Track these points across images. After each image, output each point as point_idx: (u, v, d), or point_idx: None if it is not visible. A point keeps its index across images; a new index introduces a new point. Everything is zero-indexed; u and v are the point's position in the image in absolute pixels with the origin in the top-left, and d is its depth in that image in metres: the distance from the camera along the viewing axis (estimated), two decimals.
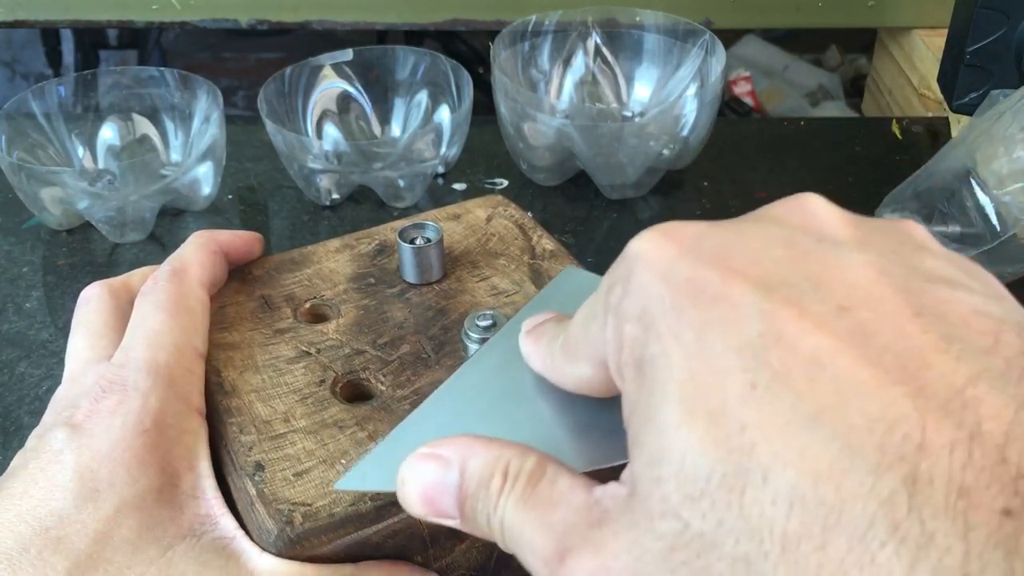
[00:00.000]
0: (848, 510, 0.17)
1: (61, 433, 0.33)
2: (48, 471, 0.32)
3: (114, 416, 0.33)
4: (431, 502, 0.26)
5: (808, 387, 0.18)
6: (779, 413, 0.18)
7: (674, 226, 0.23)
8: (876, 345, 0.19)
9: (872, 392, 0.18)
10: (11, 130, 0.60)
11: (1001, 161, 0.52)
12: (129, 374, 0.35)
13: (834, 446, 0.18)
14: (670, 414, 0.20)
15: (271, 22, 0.78)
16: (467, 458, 0.25)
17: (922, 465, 0.17)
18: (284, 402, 0.36)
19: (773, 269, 0.21)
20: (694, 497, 0.19)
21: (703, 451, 0.19)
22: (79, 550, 0.31)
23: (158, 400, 0.34)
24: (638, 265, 0.22)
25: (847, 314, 0.19)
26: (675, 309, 0.21)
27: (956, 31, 0.63)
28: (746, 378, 0.19)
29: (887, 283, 0.20)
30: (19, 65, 1.41)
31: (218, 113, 0.60)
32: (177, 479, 0.33)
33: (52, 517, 0.31)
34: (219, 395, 0.36)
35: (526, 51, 0.67)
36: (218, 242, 0.41)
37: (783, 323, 0.19)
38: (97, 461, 0.32)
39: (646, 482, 0.20)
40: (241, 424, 0.35)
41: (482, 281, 0.42)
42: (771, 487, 0.18)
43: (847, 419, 0.18)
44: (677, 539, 0.19)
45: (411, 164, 0.61)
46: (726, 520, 0.18)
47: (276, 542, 0.32)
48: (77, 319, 0.39)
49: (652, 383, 0.21)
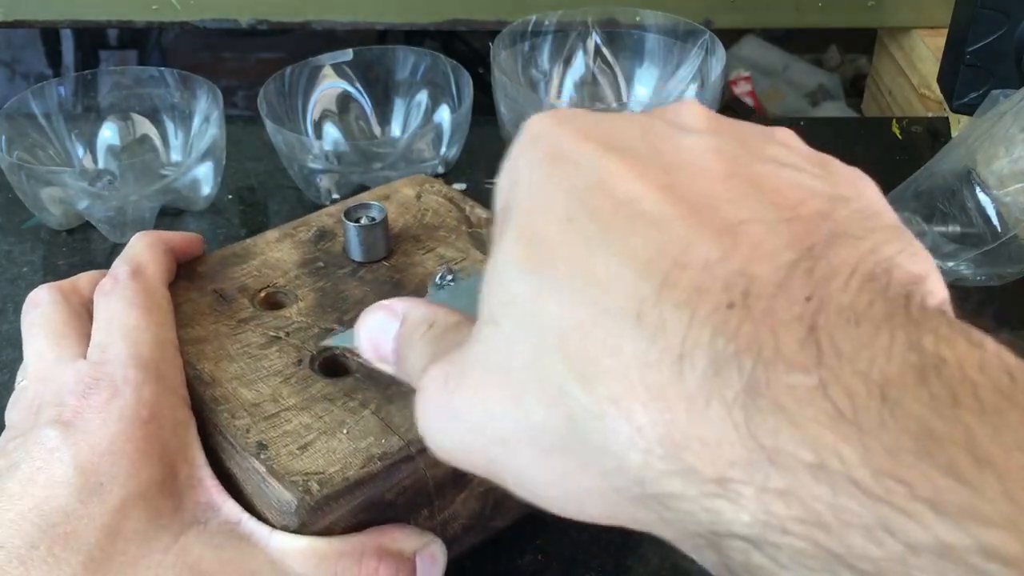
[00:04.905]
0: (611, 306, 0.21)
1: (53, 431, 0.33)
2: (47, 470, 0.32)
3: (109, 411, 0.33)
4: (376, 346, 0.30)
5: (610, 219, 0.22)
6: (581, 239, 0.22)
7: (560, 109, 0.27)
8: (680, 194, 0.22)
9: (659, 223, 0.21)
10: (11, 130, 0.60)
11: (1002, 161, 0.52)
12: (115, 369, 0.35)
13: (615, 261, 0.21)
14: (506, 243, 0.24)
15: (271, 22, 0.78)
16: (410, 310, 0.29)
17: (677, 274, 0.20)
18: (268, 384, 0.37)
19: (621, 138, 0.24)
20: (507, 303, 0.23)
21: (519, 268, 0.23)
22: (91, 544, 0.31)
23: (151, 393, 0.34)
24: (521, 136, 0.26)
25: (668, 173, 0.23)
26: (533, 164, 0.25)
27: (956, 31, 0.63)
28: (565, 214, 0.23)
29: (716, 157, 0.23)
30: (19, 65, 1.41)
31: (218, 113, 0.59)
32: (175, 469, 0.34)
33: (57, 514, 0.31)
34: (200, 387, 0.37)
35: (526, 51, 0.67)
36: (164, 241, 0.41)
37: (611, 174, 0.23)
38: (97, 455, 0.32)
39: (483, 299, 0.25)
40: (231, 410, 0.36)
41: (429, 252, 0.44)
42: (560, 295, 0.22)
43: (632, 241, 0.21)
44: (492, 341, 0.24)
45: (411, 164, 0.61)
46: (525, 322, 0.22)
47: (298, 511, 0.32)
48: (31, 321, 0.38)
49: (504, 223, 0.25)
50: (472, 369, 0.25)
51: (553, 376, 0.22)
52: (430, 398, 0.26)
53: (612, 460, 0.21)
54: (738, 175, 0.23)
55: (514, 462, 0.24)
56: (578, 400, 0.21)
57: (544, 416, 0.22)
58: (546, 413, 0.22)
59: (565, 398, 0.21)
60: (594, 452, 0.21)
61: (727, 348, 0.19)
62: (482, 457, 0.25)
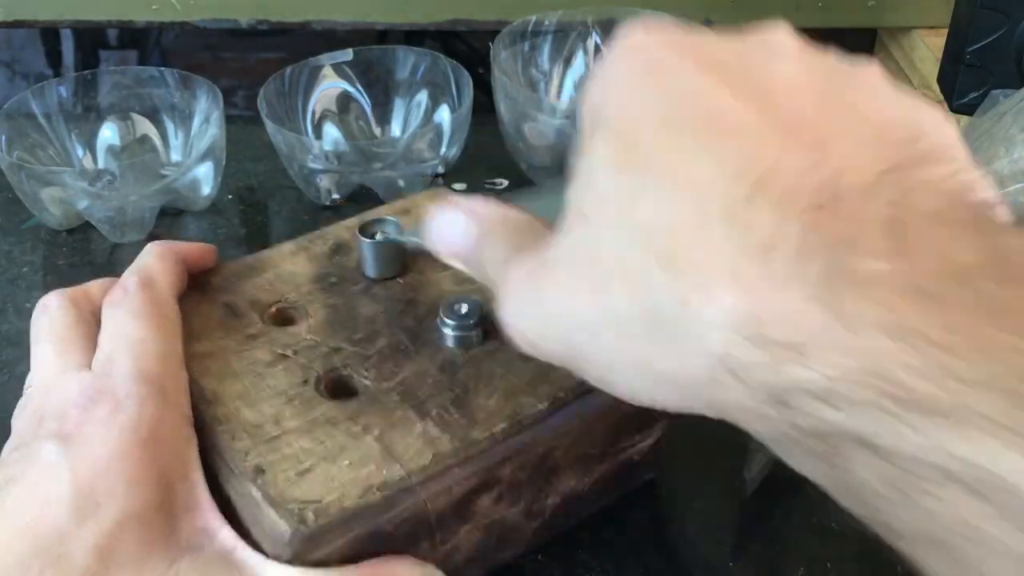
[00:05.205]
0: (703, 206, 0.22)
1: (52, 445, 0.32)
2: (43, 485, 0.32)
3: (109, 426, 0.32)
4: (448, 242, 0.31)
5: (705, 127, 0.23)
6: (675, 143, 0.23)
7: (656, 23, 0.27)
8: (773, 111, 0.23)
9: (752, 134, 0.22)
10: (11, 130, 0.60)
11: (1002, 162, 0.52)
12: (119, 383, 0.34)
13: (708, 165, 0.22)
14: (597, 145, 0.25)
15: (271, 22, 0.78)
16: (484, 208, 0.30)
17: (769, 179, 0.22)
18: (271, 405, 0.36)
19: (717, 57, 0.25)
20: (597, 201, 0.24)
21: (611, 168, 0.24)
22: (82, 567, 0.30)
23: (154, 409, 0.33)
24: (617, 46, 0.27)
25: (761, 91, 0.24)
26: (628, 72, 0.25)
27: (956, 31, 0.63)
28: (660, 120, 0.24)
29: (808, 80, 0.24)
30: (19, 65, 1.40)
31: (218, 113, 0.59)
32: (172, 490, 0.33)
33: (52, 534, 0.31)
34: (202, 405, 0.36)
35: (526, 51, 0.67)
36: (177, 252, 0.41)
37: (706, 88, 0.24)
38: (96, 474, 0.31)
39: (571, 197, 0.26)
40: (232, 431, 0.35)
41: (445, 271, 0.42)
42: (652, 193, 0.23)
43: (725, 148, 0.22)
44: (581, 236, 0.25)
45: (411, 164, 0.61)
46: (615, 218, 0.24)
47: (292, 542, 0.31)
48: (40, 327, 0.38)
49: (593, 127, 0.26)
50: (558, 262, 0.26)
51: (641, 268, 0.23)
52: (514, 290, 0.28)
53: (693, 342, 0.22)
54: (828, 97, 0.24)
55: (594, 350, 0.25)
56: (664, 288, 0.22)
57: (628, 305, 0.23)
58: (630, 302, 0.23)
59: (651, 288, 0.23)
60: (675, 336, 0.22)
61: (814, 239, 0.21)
62: (562, 345, 0.26)
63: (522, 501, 0.37)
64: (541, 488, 0.38)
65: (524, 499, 0.37)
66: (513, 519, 0.37)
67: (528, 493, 0.37)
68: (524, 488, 0.37)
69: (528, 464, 0.36)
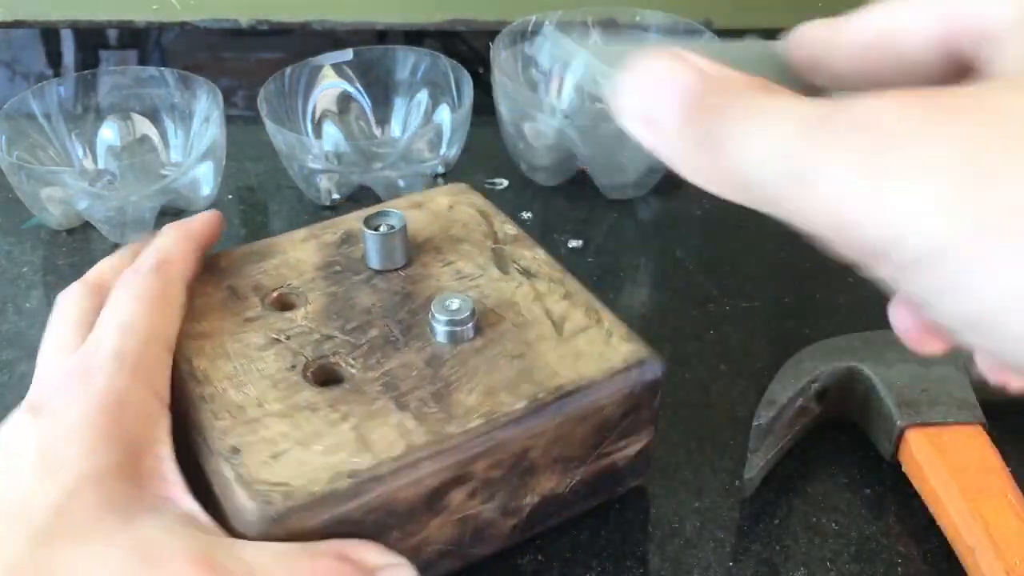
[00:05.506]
0: None
1: (24, 417, 0.34)
2: (11, 451, 0.33)
3: (77, 396, 0.34)
4: (645, 95, 0.24)
5: None
6: None
7: None
8: None
9: None
10: (11, 130, 0.60)
11: None
12: (95, 359, 0.35)
13: None
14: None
15: (271, 22, 0.78)
16: (706, 64, 0.23)
17: None
18: (256, 387, 0.37)
19: None
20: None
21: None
22: (39, 520, 0.31)
23: (123, 383, 0.35)
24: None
25: None
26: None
27: None
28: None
29: None
30: (19, 65, 1.40)
31: (218, 113, 0.59)
32: (138, 459, 0.34)
33: (16, 495, 0.32)
34: (191, 383, 0.37)
35: (526, 51, 0.67)
36: (196, 236, 0.42)
37: None
38: (58, 437, 0.33)
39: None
40: (215, 410, 0.36)
41: (447, 266, 0.43)
42: None
43: None
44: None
45: (411, 164, 0.61)
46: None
47: (258, 522, 0.32)
48: (51, 318, 0.39)
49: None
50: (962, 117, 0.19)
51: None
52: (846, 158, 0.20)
53: None
54: None
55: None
56: None
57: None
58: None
59: None
60: None
61: None
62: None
63: (497, 498, 0.37)
64: (518, 487, 0.38)
65: (499, 496, 0.37)
66: (488, 515, 0.38)
67: (504, 491, 0.37)
68: (499, 485, 0.37)
69: (503, 462, 0.36)
